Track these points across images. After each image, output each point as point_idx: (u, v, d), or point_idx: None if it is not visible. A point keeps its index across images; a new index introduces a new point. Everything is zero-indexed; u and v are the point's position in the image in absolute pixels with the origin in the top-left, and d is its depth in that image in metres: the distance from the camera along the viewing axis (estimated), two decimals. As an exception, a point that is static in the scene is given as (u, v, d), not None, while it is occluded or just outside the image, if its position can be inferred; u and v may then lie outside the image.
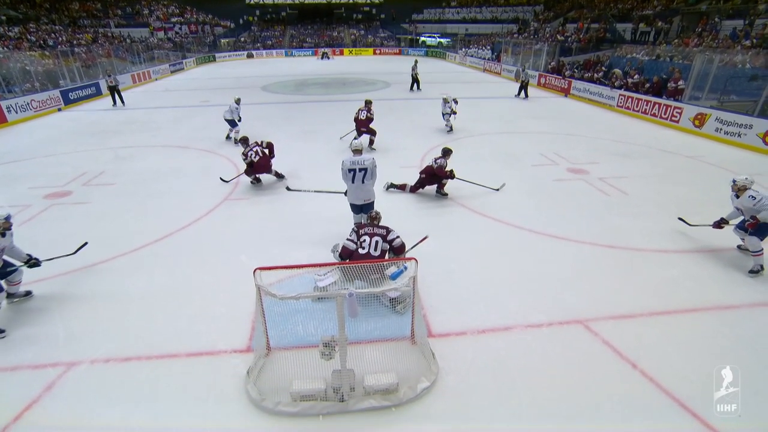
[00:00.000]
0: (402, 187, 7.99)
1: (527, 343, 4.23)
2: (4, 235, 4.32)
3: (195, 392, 3.68)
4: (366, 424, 3.41)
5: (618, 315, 4.60)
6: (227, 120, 11.43)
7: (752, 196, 4.95)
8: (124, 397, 3.66)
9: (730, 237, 5.62)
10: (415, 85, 20.34)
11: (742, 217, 5.31)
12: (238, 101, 11.52)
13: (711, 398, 3.53)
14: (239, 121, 11.56)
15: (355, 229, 4.92)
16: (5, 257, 4.50)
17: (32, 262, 4.66)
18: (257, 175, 8.43)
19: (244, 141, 8.29)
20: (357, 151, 5.83)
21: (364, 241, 4.73)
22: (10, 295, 4.70)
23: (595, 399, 3.59)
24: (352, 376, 3.52)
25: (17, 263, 4.64)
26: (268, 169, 8.39)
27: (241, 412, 3.50)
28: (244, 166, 8.18)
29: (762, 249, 5.13)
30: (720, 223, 5.52)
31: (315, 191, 7.14)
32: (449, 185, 7.80)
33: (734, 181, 5.13)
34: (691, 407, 3.48)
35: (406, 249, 5.05)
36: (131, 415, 3.48)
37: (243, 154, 8.03)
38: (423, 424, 3.39)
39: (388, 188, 8.04)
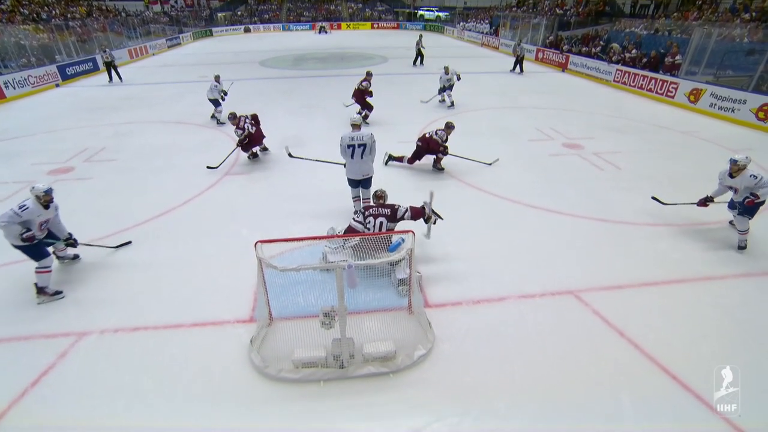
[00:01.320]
0: (400, 159, 7.94)
1: (520, 312, 4.32)
2: (47, 207, 4.47)
3: (201, 360, 3.78)
4: (365, 390, 3.51)
5: (608, 286, 4.68)
6: (211, 100, 10.88)
7: (754, 175, 4.89)
8: (133, 365, 3.75)
9: (716, 212, 5.66)
10: (419, 59, 19.96)
11: (730, 195, 5.28)
12: (217, 78, 10.92)
13: (690, 362, 3.67)
14: (223, 99, 11.05)
15: (362, 210, 4.88)
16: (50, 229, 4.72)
17: (70, 242, 4.88)
18: (254, 150, 8.34)
19: (234, 116, 8.00)
20: (356, 126, 5.76)
21: (369, 222, 4.72)
22: (59, 258, 5.08)
23: (583, 365, 3.69)
24: (351, 344, 3.61)
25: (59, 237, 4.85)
26: (261, 140, 8.28)
27: (245, 378, 3.60)
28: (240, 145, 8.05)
29: (749, 228, 5.18)
30: (705, 201, 5.50)
31: (316, 160, 7.10)
32: (446, 160, 7.78)
33: (735, 161, 4.95)
34: (672, 371, 3.60)
35: (427, 209, 4.90)
36: (140, 382, 3.58)
37: (239, 128, 7.82)
38: (419, 389, 3.49)
39: (387, 162, 8.00)
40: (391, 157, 7.99)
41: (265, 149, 8.63)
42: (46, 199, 4.42)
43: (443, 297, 4.54)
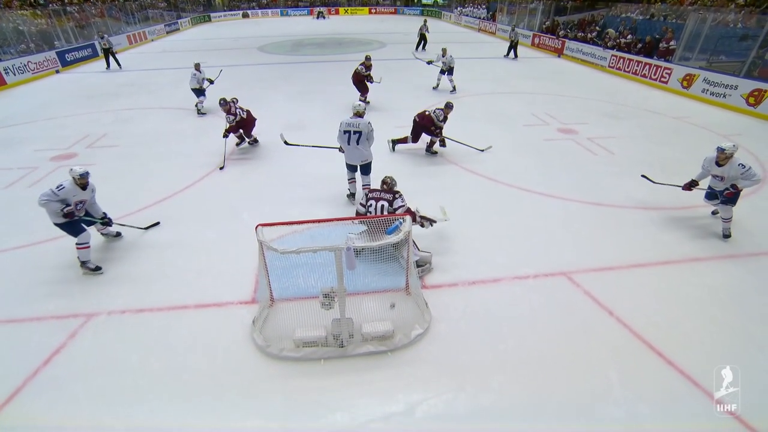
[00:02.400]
0: (404, 140, 7.82)
1: (514, 293, 4.38)
2: (84, 188, 4.65)
3: (205, 340, 3.83)
4: (364, 367, 3.57)
5: (599, 267, 4.73)
6: (193, 89, 10.24)
7: (742, 164, 4.80)
8: (140, 344, 3.80)
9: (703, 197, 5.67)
10: (422, 44, 19.51)
11: (709, 181, 5.23)
12: (197, 66, 10.19)
13: (675, 339, 3.76)
14: (203, 91, 10.35)
15: (366, 193, 4.88)
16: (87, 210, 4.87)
17: (105, 220, 5.04)
18: (253, 135, 8.17)
19: (224, 102, 7.57)
20: (356, 114, 5.73)
21: (371, 205, 4.73)
22: (104, 235, 5.33)
23: (574, 344, 3.76)
24: (350, 324, 3.66)
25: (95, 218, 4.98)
26: (254, 123, 8.05)
27: (249, 357, 3.66)
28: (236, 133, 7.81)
29: (732, 216, 5.14)
30: (690, 185, 5.44)
31: (312, 146, 6.99)
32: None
33: (723, 150, 4.84)
34: (658, 348, 3.67)
35: (417, 217, 4.79)
36: (147, 361, 3.64)
37: (230, 113, 7.50)
38: (416, 367, 3.56)
39: (393, 148, 7.88)
40: (394, 142, 7.89)
41: (243, 140, 8.25)
42: (82, 182, 4.59)
43: (440, 279, 4.58)
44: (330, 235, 4.70)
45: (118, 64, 16.73)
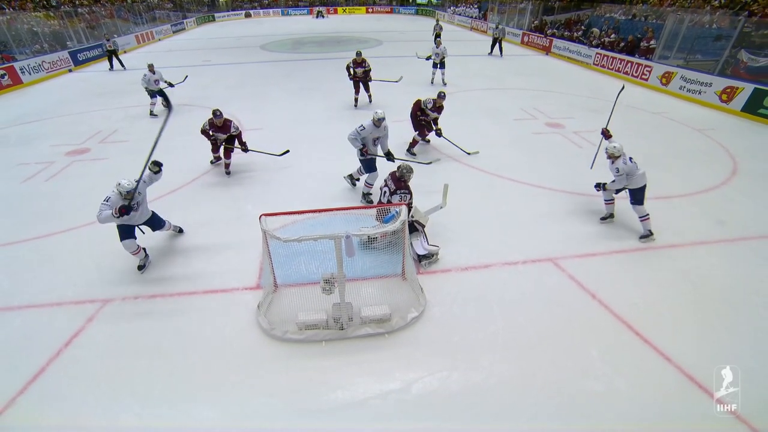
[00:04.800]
0: (415, 143, 7.54)
1: (504, 278, 4.39)
2: (134, 199, 4.33)
3: (214, 323, 3.83)
4: (363, 348, 3.59)
5: (583, 254, 4.74)
6: (146, 90, 9.60)
7: (617, 168, 4.82)
8: (153, 328, 3.81)
9: (682, 186, 5.67)
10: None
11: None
12: (150, 67, 9.52)
13: (651, 319, 3.80)
14: (157, 92, 9.70)
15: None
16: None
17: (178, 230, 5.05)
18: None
19: (220, 113, 6.37)
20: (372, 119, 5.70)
21: (383, 191, 4.72)
22: (173, 227, 5.15)
23: (559, 324, 3.79)
24: (350, 308, 3.67)
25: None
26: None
27: (254, 339, 3.67)
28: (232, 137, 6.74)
29: (647, 214, 4.93)
30: (606, 133, 5.51)
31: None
32: (437, 140, 7.67)
33: (606, 149, 4.92)
34: (636, 328, 3.71)
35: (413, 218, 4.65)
36: (160, 343, 3.65)
37: (231, 121, 6.52)
38: (412, 348, 3.58)
39: (413, 153, 7.53)
40: (411, 151, 7.54)
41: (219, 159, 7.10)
42: (127, 198, 4.32)
43: (434, 265, 4.58)
44: (330, 224, 4.67)
45: (122, 66, 16.26)
